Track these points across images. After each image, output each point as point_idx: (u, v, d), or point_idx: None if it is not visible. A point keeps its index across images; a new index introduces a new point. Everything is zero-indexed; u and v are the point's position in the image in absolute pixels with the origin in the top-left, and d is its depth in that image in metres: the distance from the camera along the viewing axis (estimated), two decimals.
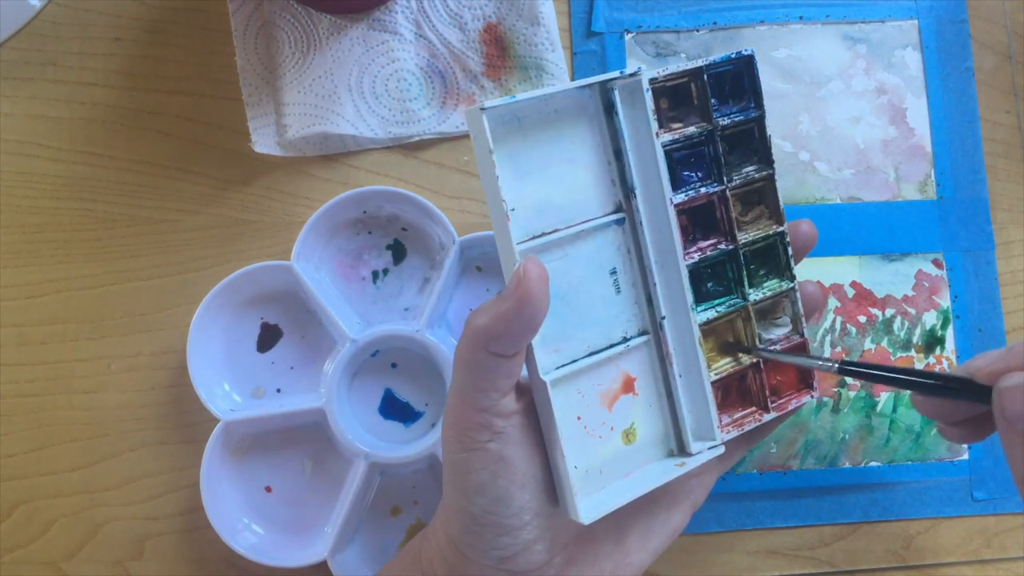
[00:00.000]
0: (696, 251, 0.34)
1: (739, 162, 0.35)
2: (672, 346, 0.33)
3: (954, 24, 0.50)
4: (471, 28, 0.48)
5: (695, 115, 0.34)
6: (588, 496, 0.32)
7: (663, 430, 0.34)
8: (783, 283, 0.35)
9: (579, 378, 0.32)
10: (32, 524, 0.44)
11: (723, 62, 0.34)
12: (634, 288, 0.33)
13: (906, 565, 0.46)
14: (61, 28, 0.48)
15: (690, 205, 0.33)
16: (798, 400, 0.36)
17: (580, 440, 0.32)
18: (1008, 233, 0.49)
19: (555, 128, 0.32)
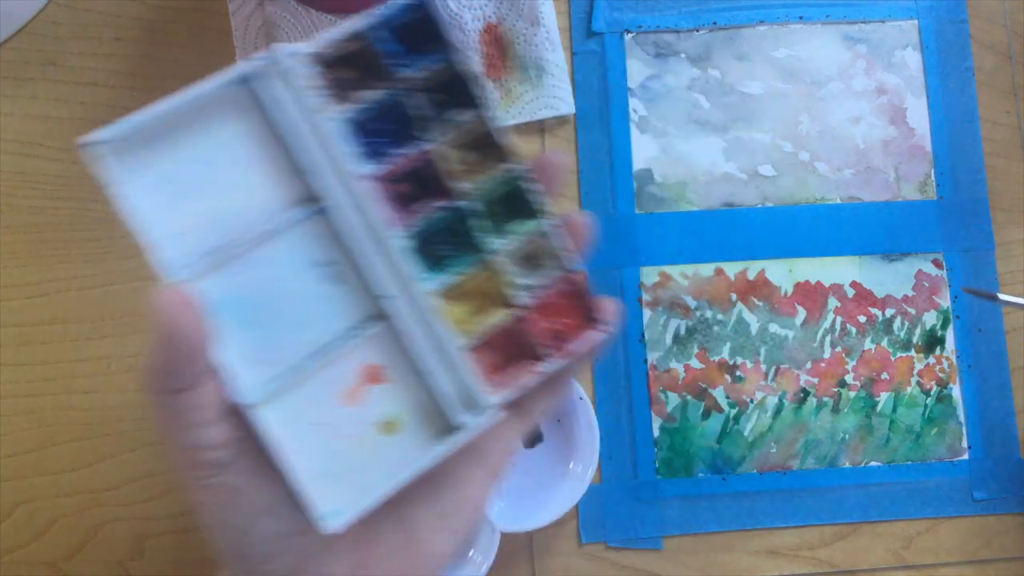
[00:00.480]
0: (413, 218, 0.31)
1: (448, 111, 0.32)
2: (410, 323, 0.31)
3: (954, 24, 0.50)
4: (471, 28, 0.48)
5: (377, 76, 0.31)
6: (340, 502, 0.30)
7: (429, 411, 0.32)
8: (533, 223, 0.32)
9: (309, 383, 0.30)
10: (32, 524, 0.44)
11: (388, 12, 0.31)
12: (352, 275, 0.31)
13: (906, 565, 0.46)
14: (61, 28, 0.48)
15: (396, 172, 0.31)
16: (583, 341, 0.32)
17: (326, 446, 0.30)
18: (1008, 233, 0.49)
19: (213, 135, 0.29)
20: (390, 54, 0.31)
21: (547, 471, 0.45)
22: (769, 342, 0.47)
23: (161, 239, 0.28)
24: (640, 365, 0.47)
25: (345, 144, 0.30)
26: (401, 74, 0.31)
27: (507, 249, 0.32)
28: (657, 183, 0.48)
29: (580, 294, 0.33)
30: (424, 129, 0.31)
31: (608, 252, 0.47)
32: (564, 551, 0.45)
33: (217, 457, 0.28)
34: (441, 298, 0.31)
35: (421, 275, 0.31)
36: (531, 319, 0.32)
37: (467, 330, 0.32)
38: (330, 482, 0.30)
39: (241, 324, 0.30)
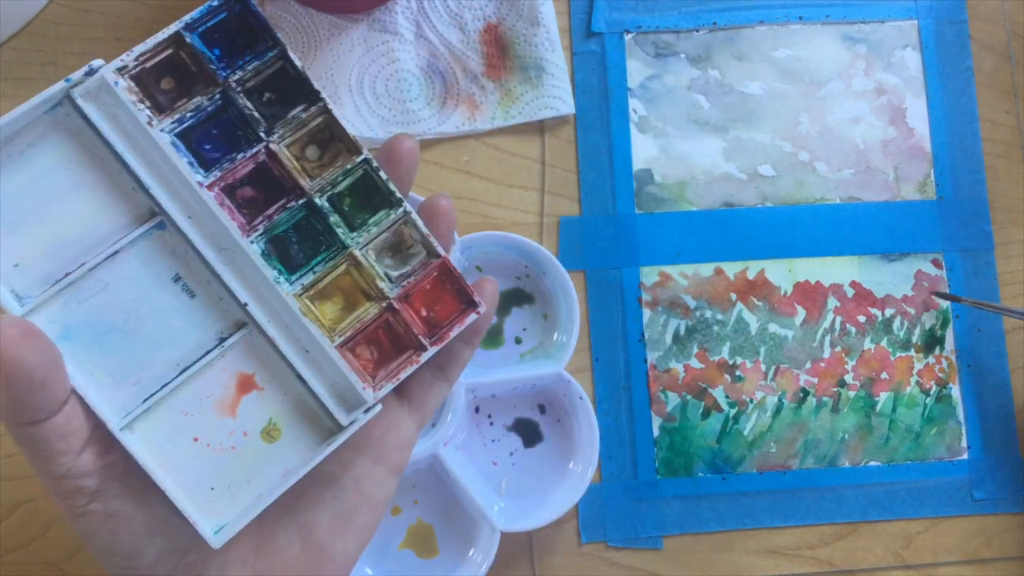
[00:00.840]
0: (263, 220, 0.30)
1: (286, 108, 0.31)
2: (275, 327, 0.30)
3: (954, 24, 0.50)
4: (471, 28, 0.48)
5: (202, 83, 0.30)
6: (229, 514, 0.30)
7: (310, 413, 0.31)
8: (391, 212, 0.31)
9: (179, 399, 0.30)
10: (32, 524, 0.44)
11: (207, 13, 0.30)
12: (209, 286, 0.30)
13: (906, 565, 0.46)
14: (61, 28, 0.48)
15: (238, 177, 0.30)
16: (461, 323, 0.32)
17: (206, 460, 0.30)
18: (1008, 233, 0.49)
19: (36, 161, 0.29)
20: (215, 57, 0.30)
21: (547, 471, 0.45)
22: (769, 342, 0.47)
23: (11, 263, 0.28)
24: (640, 365, 0.47)
25: (179, 155, 0.29)
26: (229, 76, 0.30)
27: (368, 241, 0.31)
28: (657, 183, 0.48)
29: (451, 278, 0.32)
30: (261, 129, 0.30)
31: (608, 252, 0.47)
32: (564, 551, 0.46)
33: (88, 484, 0.28)
34: (304, 299, 0.31)
35: (278, 278, 0.30)
36: (403, 309, 0.32)
37: (338, 328, 0.31)
38: (213, 495, 0.30)
39: (98, 348, 0.29)
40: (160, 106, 0.29)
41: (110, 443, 0.28)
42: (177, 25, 0.29)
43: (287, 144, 0.31)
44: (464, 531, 0.44)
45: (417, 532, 0.45)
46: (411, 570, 0.44)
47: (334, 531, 0.32)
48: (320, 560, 0.31)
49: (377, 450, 0.33)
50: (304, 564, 0.31)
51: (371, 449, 0.33)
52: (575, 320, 0.44)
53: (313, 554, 0.31)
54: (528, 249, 0.45)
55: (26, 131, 0.29)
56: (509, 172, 0.48)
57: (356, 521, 0.32)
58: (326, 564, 0.32)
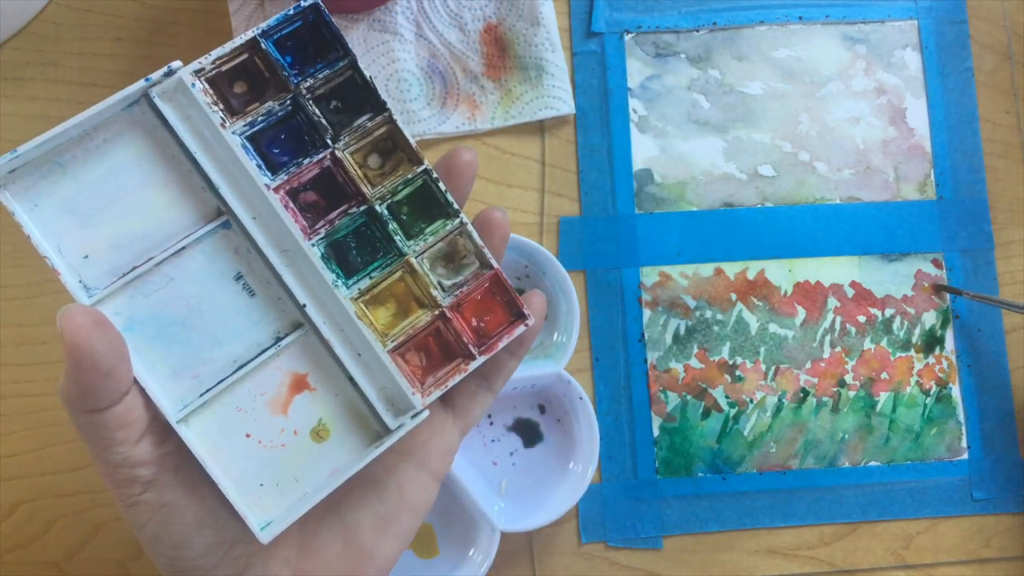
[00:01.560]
0: (324, 225, 0.31)
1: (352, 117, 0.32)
2: (331, 329, 0.31)
3: (954, 24, 0.50)
4: (471, 28, 0.48)
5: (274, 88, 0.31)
6: (276, 511, 0.30)
7: (359, 416, 0.32)
8: (448, 222, 0.32)
9: (233, 396, 0.31)
10: (32, 524, 0.44)
11: (283, 21, 0.30)
12: (270, 286, 0.31)
13: (906, 565, 0.46)
14: (62, 28, 0.48)
15: (302, 181, 0.31)
16: (509, 334, 0.32)
17: (257, 456, 0.31)
18: (1008, 233, 0.49)
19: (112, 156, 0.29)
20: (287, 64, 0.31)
21: (547, 471, 0.45)
22: (769, 342, 0.47)
23: (69, 263, 0.29)
24: (640, 365, 0.47)
25: (248, 157, 0.30)
26: (301, 83, 0.31)
27: (424, 250, 0.32)
28: (657, 183, 0.48)
29: (502, 289, 0.33)
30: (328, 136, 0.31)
31: (608, 252, 0.47)
32: (564, 551, 0.46)
33: (143, 474, 0.28)
34: (360, 303, 0.31)
35: (336, 281, 0.31)
36: (455, 318, 0.32)
37: (391, 333, 0.32)
38: (262, 492, 0.30)
39: (160, 341, 0.30)
40: (233, 109, 0.30)
41: (166, 434, 0.29)
42: (254, 31, 0.30)
43: (351, 152, 0.32)
44: (464, 531, 0.44)
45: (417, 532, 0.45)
46: (411, 570, 0.44)
47: (376, 533, 0.32)
48: (361, 560, 0.32)
49: (421, 456, 0.33)
50: (345, 564, 0.32)
51: (415, 454, 0.33)
52: (575, 320, 0.44)
53: (355, 554, 0.32)
54: (528, 249, 0.45)
55: (104, 127, 0.29)
56: (509, 172, 0.48)
57: (397, 524, 0.33)
58: (367, 565, 0.32)
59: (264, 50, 0.30)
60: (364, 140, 0.32)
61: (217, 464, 0.29)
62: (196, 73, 0.29)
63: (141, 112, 0.30)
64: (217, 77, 0.30)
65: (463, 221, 0.32)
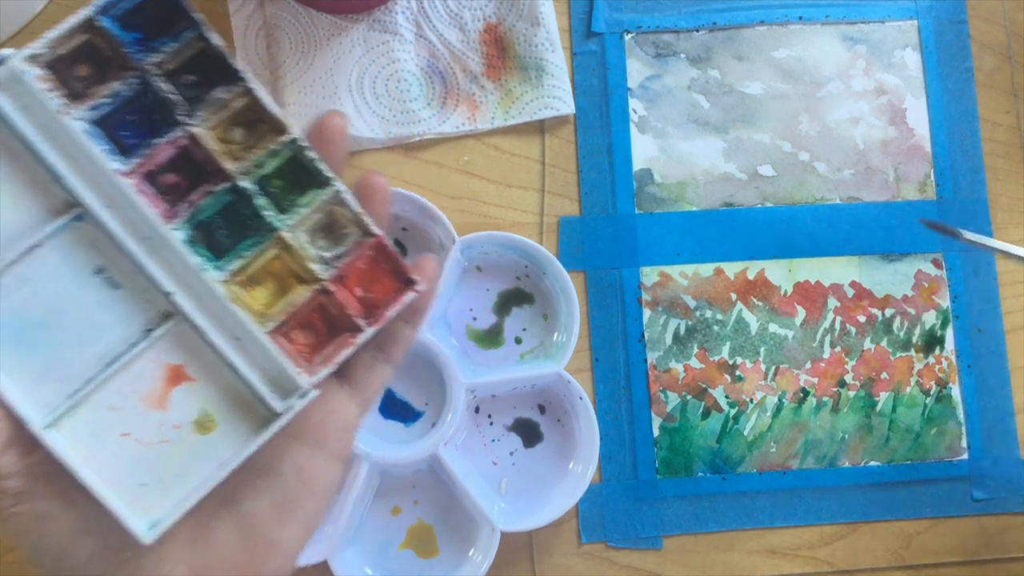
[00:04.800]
0: (185, 207, 0.29)
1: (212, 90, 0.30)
2: (203, 316, 0.30)
3: (953, 24, 0.50)
4: (471, 28, 0.48)
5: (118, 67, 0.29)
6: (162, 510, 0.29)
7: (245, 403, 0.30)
8: (321, 192, 0.30)
9: (105, 394, 0.29)
10: None
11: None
12: (134, 276, 0.29)
13: (906, 565, 0.46)
14: None
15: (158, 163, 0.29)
16: (398, 303, 0.31)
17: (136, 455, 0.29)
18: (1008, 233, 0.49)
19: None
20: (131, 41, 0.29)
21: (547, 471, 0.45)
22: (769, 342, 0.47)
23: None
24: (640, 365, 0.47)
25: (96, 143, 0.28)
26: (146, 59, 0.29)
27: (299, 223, 0.31)
28: (657, 183, 0.48)
29: (387, 256, 0.31)
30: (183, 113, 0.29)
31: (608, 252, 0.47)
32: (564, 551, 0.46)
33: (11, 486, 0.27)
34: (233, 285, 0.30)
35: (204, 265, 0.29)
36: (337, 290, 0.31)
37: (270, 313, 0.30)
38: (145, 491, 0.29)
39: (21, 346, 0.28)
40: (76, 94, 0.28)
41: (35, 443, 0.28)
42: (89, 9, 0.28)
43: (210, 127, 0.30)
44: (464, 531, 0.44)
45: (417, 532, 0.45)
46: (411, 570, 0.44)
47: (276, 520, 0.31)
48: (262, 550, 0.31)
49: (317, 436, 0.32)
50: (245, 555, 0.31)
51: (311, 435, 0.32)
52: (575, 320, 0.44)
53: (254, 545, 0.31)
54: (528, 249, 0.45)
55: None
56: (509, 172, 0.48)
57: (300, 509, 0.31)
58: (270, 553, 0.31)
59: (103, 28, 0.28)
60: (223, 113, 0.30)
61: (93, 467, 0.28)
62: (30, 59, 0.27)
63: None
64: (55, 62, 0.28)
65: (338, 190, 0.31)
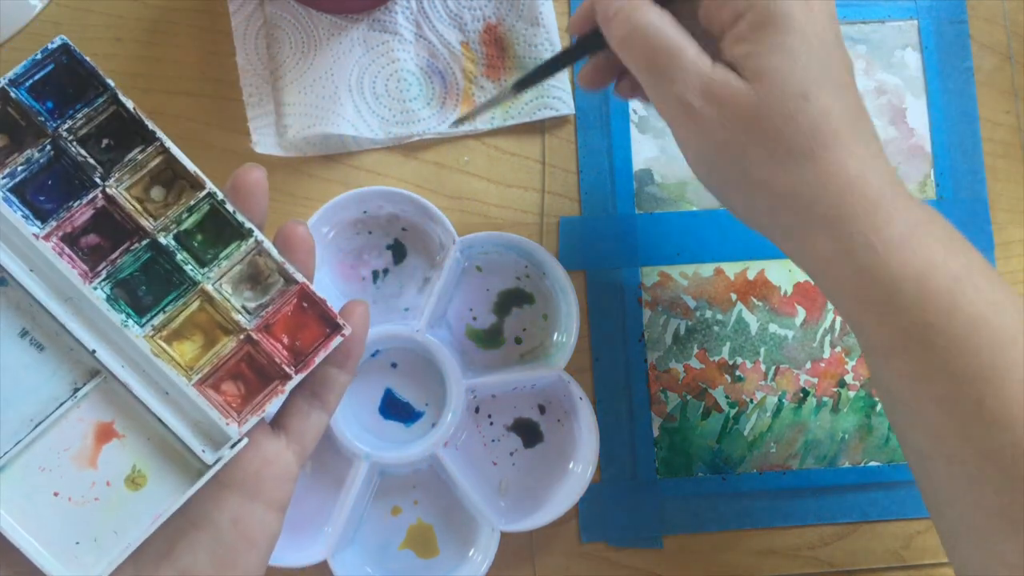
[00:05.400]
0: (106, 266, 0.30)
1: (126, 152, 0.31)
2: (129, 372, 0.30)
3: (954, 24, 0.50)
4: (471, 28, 0.48)
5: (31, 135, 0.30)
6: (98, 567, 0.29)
7: (176, 456, 0.31)
8: (242, 243, 0.31)
9: (34, 455, 0.30)
10: None
11: (32, 66, 0.30)
12: (59, 337, 0.30)
13: (906, 565, 0.46)
14: (61, 28, 0.48)
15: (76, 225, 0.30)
16: (326, 347, 0.32)
17: (68, 514, 0.30)
18: (1008, 233, 0.49)
19: None
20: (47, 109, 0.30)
21: (547, 471, 0.45)
22: (769, 342, 0.47)
23: None
24: (640, 365, 0.47)
25: (11, 209, 0.29)
26: (60, 126, 0.30)
27: (221, 275, 0.32)
28: (657, 183, 0.48)
29: (312, 302, 0.32)
30: (97, 175, 0.30)
31: (608, 252, 0.47)
32: (564, 551, 0.46)
33: None
34: (157, 340, 0.31)
35: (126, 322, 0.30)
36: (263, 339, 0.31)
37: (196, 365, 0.31)
38: (79, 549, 0.30)
39: None
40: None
41: None
42: (1, 81, 0.29)
43: (127, 187, 0.31)
44: (464, 531, 0.44)
45: (417, 532, 0.45)
46: (411, 570, 0.44)
47: (217, 571, 0.31)
48: None
49: (253, 486, 0.32)
50: None
51: (246, 485, 0.32)
52: (575, 320, 0.44)
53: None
54: (528, 249, 0.45)
55: None
56: (509, 172, 0.48)
57: (239, 561, 0.32)
58: None
59: (15, 99, 0.30)
60: (140, 173, 0.31)
61: (26, 528, 0.29)
62: None
63: None
64: None
65: (258, 240, 0.32)
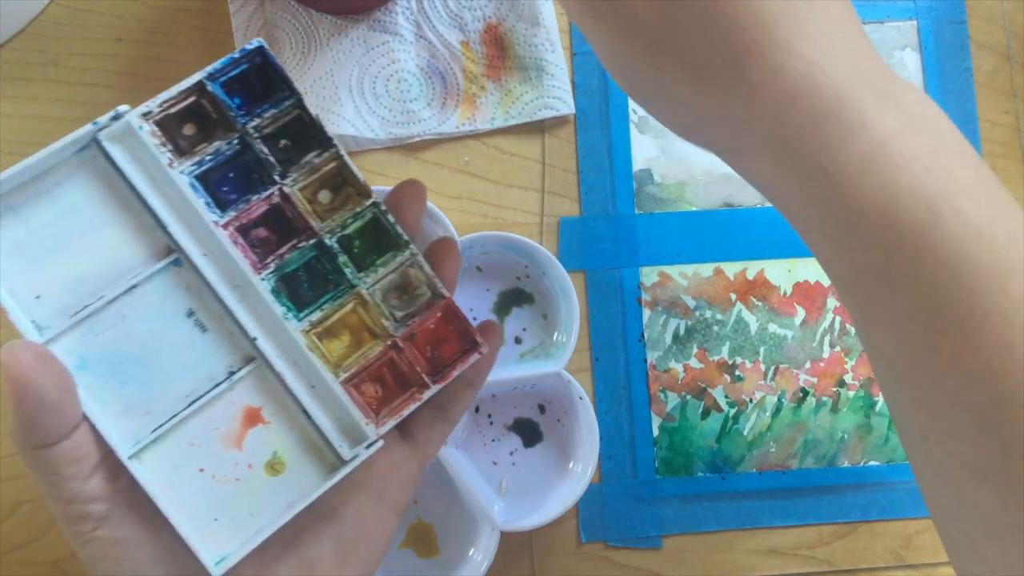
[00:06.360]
0: (274, 259, 0.32)
1: (301, 154, 0.33)
2: (283, 362, 0.32)
3: (953, 25, 0.50)
4: (471, 29, 0.48)
5: (221, 128, 0.32)
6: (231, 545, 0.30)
7: (314, 448, 0.32)
8: (398, 254, 0.33)
9: (187, 430, 0.31)
10: (33, 524, 0.44)
11: (229, 64, 0.31)
12: (221, 321, 0.32)
13: (905, 564, 0.46)
14: (63, 29, 0.48)
15: (251, 217, 0.32)
16: (463, 363, 0.33)
17: (211, 491, 0.31)
18: None
19: (62, 199, 0.30)
20: (235, 105, 0.32)
21: (547, 471, 0.45)
22: (768, 342, 0.47)
23: (21, 304, 0.29)
24: (640, 365, 0.47)
25: (197, 195, 0.31)
26: (248, 123, 0.32)
27: (376, 281, 0.33)
28: (657, 183, 0.48)
29: (455, 318, 0.33)
30: (276, 173, 0.32)
31: (608, 252, 0.47)
32: (564, 551, 0.46)
33: (95, 510, 0.28)
34: (312, 335, 0.32)
35: (287, 314, 0.31)
36: (407, 347, 0.33)
37: (344, 364, 0.32)
38: (217, 526, 0.30)
39: (113, 378, 0.30)
40: (181, 150, 0.31)
41: (119, 470, 0.29)
42: (200, 75, 0.31)
43: (300, 188, 0.32)
44: (464, 531, 0.44)
45: (417, 532, 0.45)
46: (411, 570, 0.44)
47: (336, 566, 0.32)
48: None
49: (379, 487, 0.33)
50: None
51: (373, 486, 0.33)
52: (575, 320, 0.44)
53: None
54: (528, 249, 0.45)
55: (54, 170, 0.30)
56: (509, 172, 0.48)
57: (357, 556, 0.33)
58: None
59: (211, 92, 0.31)
60: (313, 176, 0.32)
61: (171, 499, 0.29)
62: (144, 116, 0.30)
63: (91, 155, 0.30)
64: (165, 119, 0.31)
65: (413, 252, 0.33)
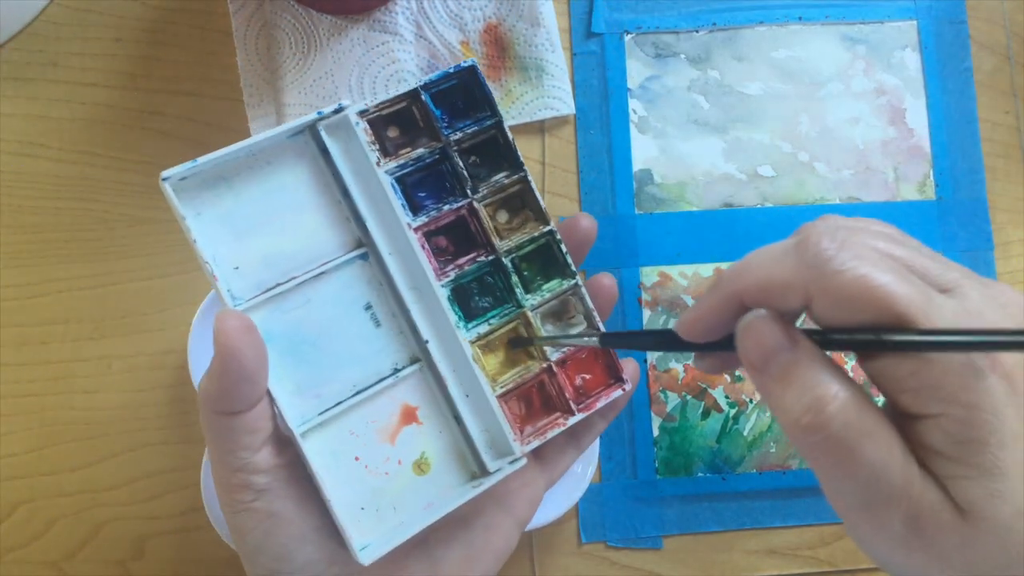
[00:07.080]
0: (454, 268, 0.33)
1: (490, 171, 0.34)
2: (447, 368, 0.33)
3: (953, 25, 0.50)
4: (471, 29, 0.48)
5: (425, 136, 0.33)
6: (373, 535, 0.31)
7: (459, 454, 0.33)
8: (564, 282, 0.34)
9: (349, 419, 0.32)
10: (33, 524, 0.44)
11: (442, 78, 0.33)
12: (395, 318, 0.33)
13: None
14: (62, 29, 0.48)
15: (438, 225, 0.33)
16: (607, 396, 0.34)
17: (362, 480, 0.32)
18: (1007, 233, 0.49)
19: (272, 178, 0.31)
20: (439, 116, 0.33)
21: None
22: None
23: (221, 272, 0.30)
24: (640, 365, 0.47)
25: (396, 195, 0.32)
26: (451, 135, 0.33)
27: (539, 305, 0.34)
28: (657, 183, 0.48)
29: (605, 352, 0.35)
30: (468, 187, 0.33)
31: (608, 252, 0.47)
32: (564, 551, 0.46)
33: (258, 481, 0.29)
34: (477, 346, 0.33)
35: (459, 323, 0.33)
36: (560, 373, 0.34)
37: (502, 379, 0.33)
38: (362, 515, 0.32)
39: (290, 357, 0.31)
40: (386, 150, 0.32)
41: (283, 446, 0.30)
42: (416, 83, 0.32)
43: (485, 204, 0.34)
44: None
45: None
46: None
47: (458, 570, 0.33)
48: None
49: (509, 502, 0.34)
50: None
51: (504, 500, 0.34)
52: None
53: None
54: None
55: (270, 151, 0.31)
56: None
57: (480, 565, 0.34)
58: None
59: (423, 101, 0.33)
60: (498, 195, 0.34)
61: (328, 482, 0.30)
62: (360, 114, 0.31)
63: (304, 141, 0.32)
64: (377, 120, 0.32)
65: (578, 283, 0.34)
